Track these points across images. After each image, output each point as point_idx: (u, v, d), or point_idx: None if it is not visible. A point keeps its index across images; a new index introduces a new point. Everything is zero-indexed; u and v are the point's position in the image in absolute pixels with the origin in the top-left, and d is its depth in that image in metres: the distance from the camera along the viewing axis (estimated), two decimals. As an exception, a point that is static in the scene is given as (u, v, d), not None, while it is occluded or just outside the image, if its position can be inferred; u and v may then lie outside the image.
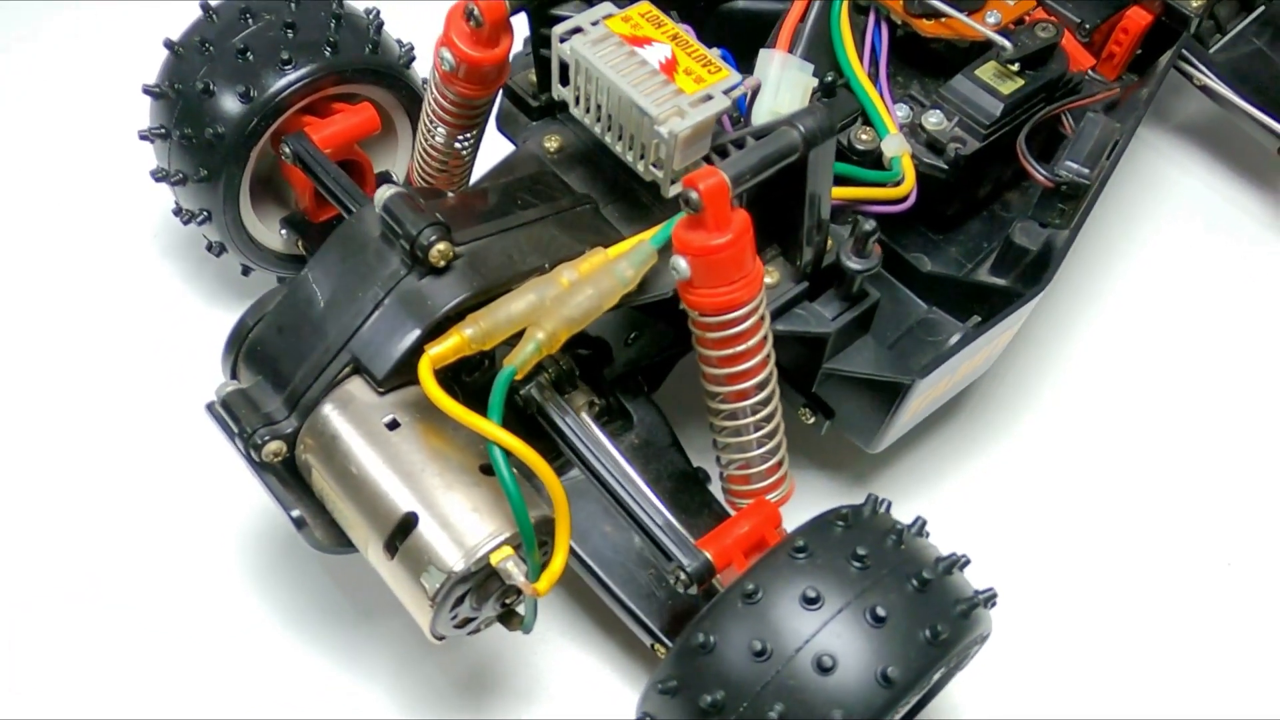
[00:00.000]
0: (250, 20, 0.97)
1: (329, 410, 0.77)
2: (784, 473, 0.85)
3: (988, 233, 1.06)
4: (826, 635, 0.70)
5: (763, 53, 0.92)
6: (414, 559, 0.73)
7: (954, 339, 0.96)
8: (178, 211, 1.04)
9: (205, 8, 0.98)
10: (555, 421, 0.80)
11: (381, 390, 0.77)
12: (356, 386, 0.77)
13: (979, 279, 1.02)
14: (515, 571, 0.72)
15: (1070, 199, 1.01)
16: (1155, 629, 0.98)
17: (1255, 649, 0.98)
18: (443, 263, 0.76)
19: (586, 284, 0.77)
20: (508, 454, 0.71)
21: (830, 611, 0.71)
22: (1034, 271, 0.99)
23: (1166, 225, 1.22)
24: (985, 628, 0.75)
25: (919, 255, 1.00)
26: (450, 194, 0.84)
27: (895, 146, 0.93)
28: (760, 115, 0.87)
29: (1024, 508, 1.04)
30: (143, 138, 1.00)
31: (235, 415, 0.77)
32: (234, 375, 0.82)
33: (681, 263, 0.75)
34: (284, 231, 1.04)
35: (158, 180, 1.02)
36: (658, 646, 0.85)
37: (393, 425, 0.76)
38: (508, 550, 0.72)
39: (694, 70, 0.80)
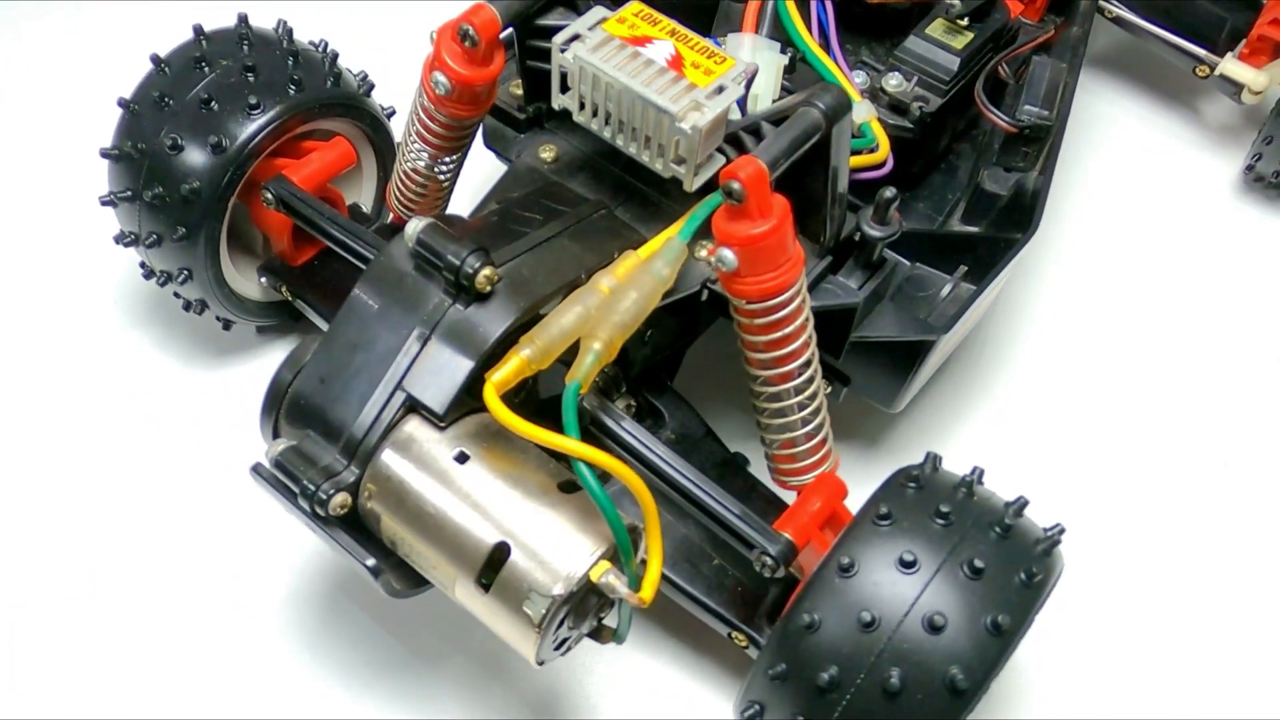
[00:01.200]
0: (206, 68, 0.93)
1: (391, 454, 0.75)
2: (829, 446, 0.87)
3: (949, 184, 1.09)
4: (930, 595, 0.72)
5: (732, 37, 0.93)
6: (512, 589, 0.72)
7: (945, 290, 0.99)
8: (149, 274, 1.01)
9: (156, 61, 0.95)
10: (612, 429, 0.80)
11: (442, 426, 0.76)
12: (415, 426, 0.76)
13: (955, 230, 1.05)
14: (618, 585, 0.72)
15: (1033, 141, 1.05)
16: (1157, 534, 1.03)
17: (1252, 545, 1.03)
18: (488, 288, 0.75)
19: (628, 288, 0.77)
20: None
21: (929, 571, 0.73)
22: (1009, 215, 1.02)
23: (1104, 157, 1.28)
24: (1062, 563, 0.78)
25: (893, 215, 1.02)
26: (466, 219, 0.83)
27: (864, 113, 0.95)
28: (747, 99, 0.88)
29: (1029, 442, 1.07)
30: (105, 203, 0.96)
31: (292, 473, 0.75)
32: (276, 435, 0.80)
33: (728, 254, 0.75)
34: (264, 279, 1.01)
35: (125, 245, 0.98)
36: (737, 636, 0.85)
37: (462, 458, 0.75)
38: (605, 564, 0.72)
39: (700, 63, 0.80)
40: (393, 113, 1.04)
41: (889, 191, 0.84)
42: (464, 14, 0.81)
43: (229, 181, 0.92)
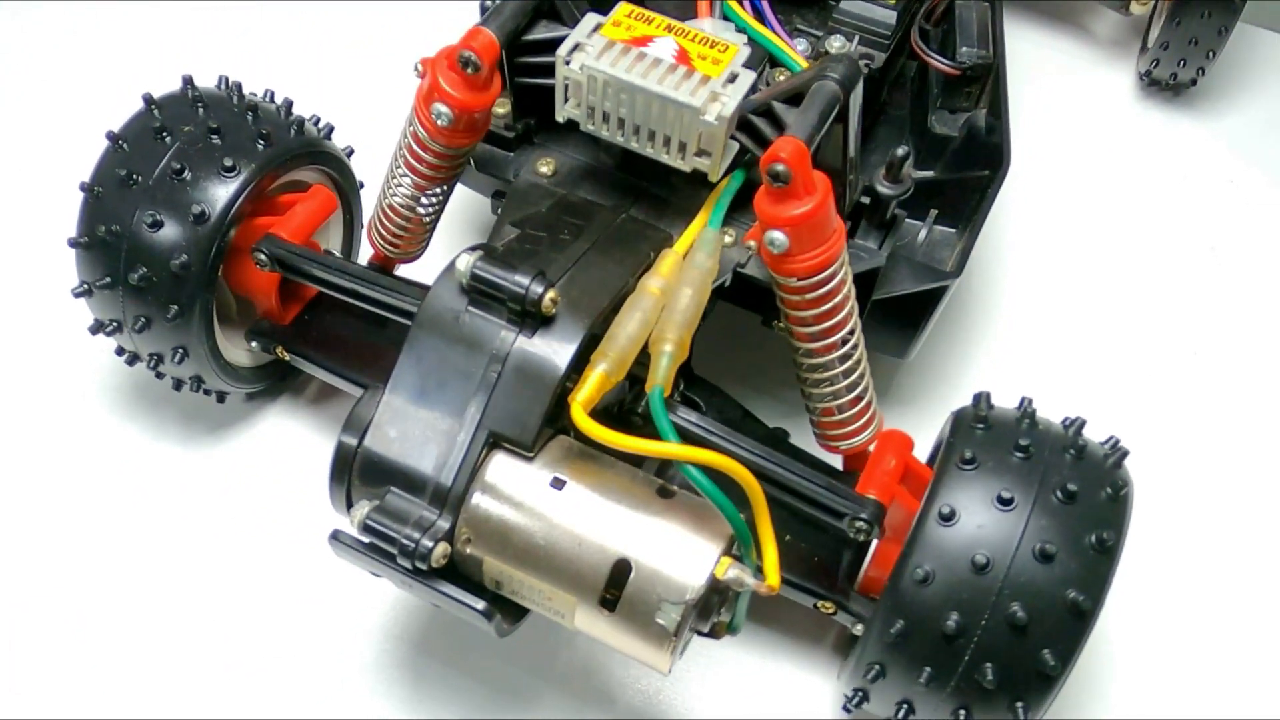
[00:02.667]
0: (168, 138, 0.89)
1: (483, 496, 0.74)
2: (875, 405, 0.89)
3: (893, 135, 1.12)
4: (1034, 528, 0.75)
5: (690, 25, 0.93)
6: (640, 603, 0.72)
7: (921, 235, 1.02)
8: (133, 359, 0.96)
9: (112, 137, 0.90)
10: (684, 427, 0.80)
11: (530, 457, 0.75)
12: (501, 462, 0.75)
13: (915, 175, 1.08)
14: (745, 577, 0.72)
15: (974, 81, 1.09)
16: (1157, 422, 1.09)
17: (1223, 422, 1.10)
18: (554, 310, 0.74)
19: (680, 285, 0.78)
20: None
21: (1027, 505, 0.75)
22: (966, 154, 1.06)
23: (1012, 85, 1.32)
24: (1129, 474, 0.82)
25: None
26: (494, 246, 0.82)
27: None
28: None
29: (1020, 363, 1.12)
30: (79, 294, 0.91)
31: (386, 533, 0.73)
32: (349, 500, 0.78)
33: (779, 236, 0.76)
34: (254, 344, 0.97)
35: (108, 334, 0.93)
36: (823, 605, 0.87)
37: (558, 484, 0.74)
38: (727, 560, 0.73)
39: (705, 54, 0.81)
40: (351, 152, 1.01)
41: (901, 150, 0.86)
42: (463, 41, 0.80)
43: (218, 250, 0.89)
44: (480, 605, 0.75)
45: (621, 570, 0.72)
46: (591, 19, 0.82)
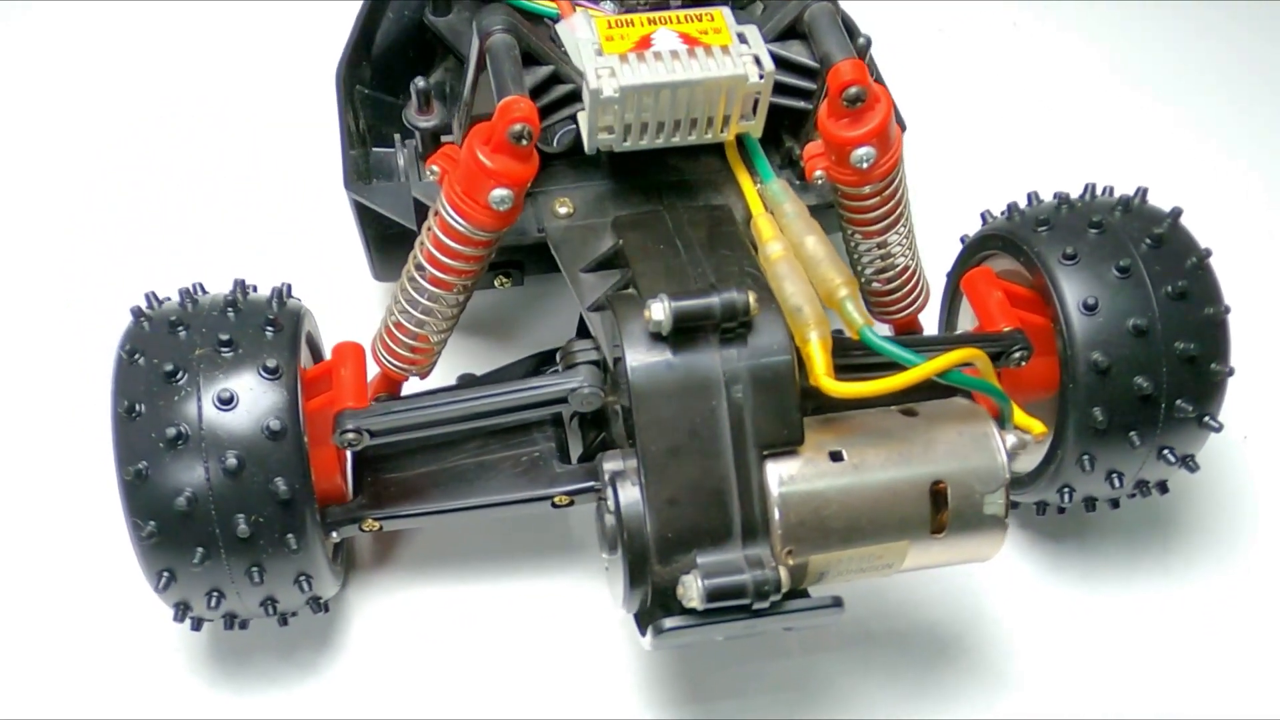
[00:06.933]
0: (184, 375, 0.78)
1: (785, 506, 0.75)
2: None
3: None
4: (1155, 277, 0.86)
5: (562, 24, 0.93)
6: (967, 507, 0.76)
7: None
8: (231, 623, 0.85)
9: (126, 409, 0.77)
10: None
11: (797, 450, 0.76)
12: (778, 469, 0.75)
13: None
14: (1021, 436, 0.79)
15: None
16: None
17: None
18: (758, 309, 0.75)
19: (802, 236, 0.81)
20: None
21: (1139, 266, 0.86)
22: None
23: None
24: None
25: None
26: (622, 294, 0.79)
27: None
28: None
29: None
30: (163, 588, 0.79)
31: (731, 588, 0.72)
32: (652, 595, 0.75)
33: (867, 150, 0.81)
34: (335, 535, 0.88)
35: (213, 606, 0.82)
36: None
37: (836, 455, 0.76)
38: (1003, 435, 0.78)
39: (704, 28, 0.82)
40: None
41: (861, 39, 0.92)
42: (502, 116, 0.75)
43: (304, 455, 0.80)
44: (829, 600, 0.76)
45: (940, 491, 0.76)
46: (588, 48, 0.80)
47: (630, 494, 0.74)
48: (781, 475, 0.75)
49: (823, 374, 0.75)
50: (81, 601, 0.95)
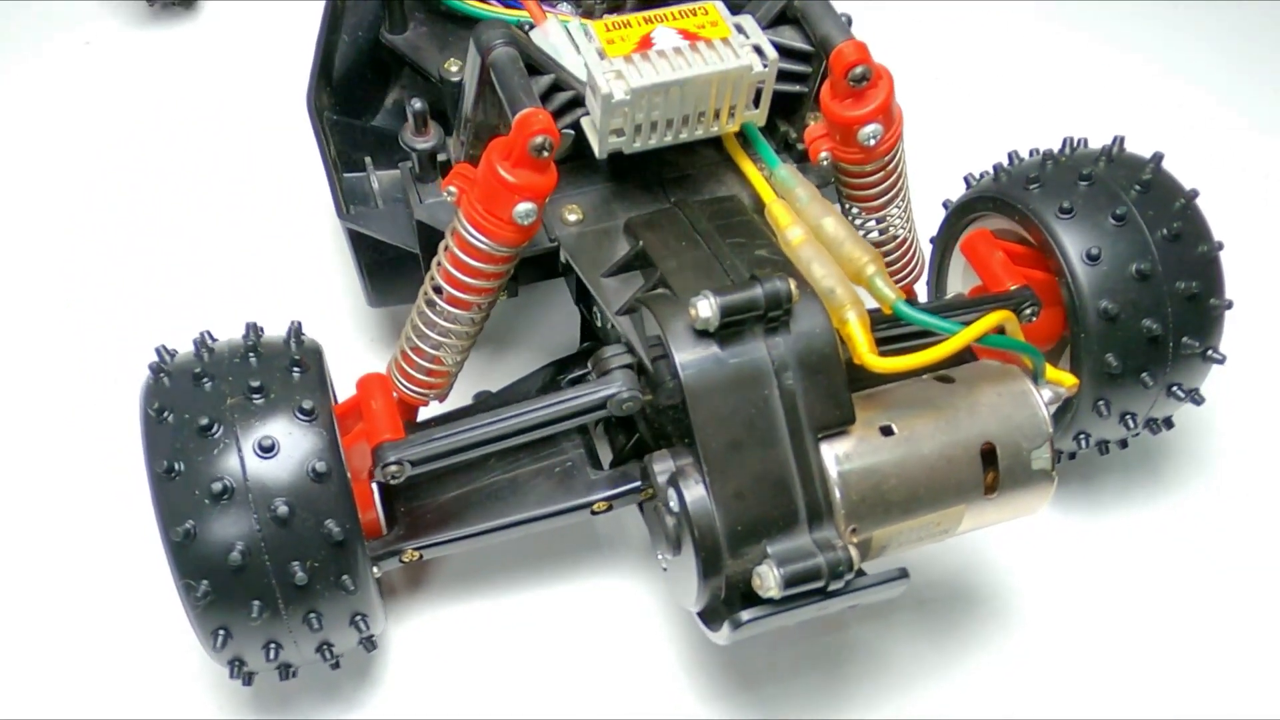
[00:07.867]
0: (220, 428, 0.76)
1: (845, 484, 0.75)
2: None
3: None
4: (1150, 222, 0.89)
5: (537, 30, 0.92)
6: (1016, 466, 0.78)
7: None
8: (286, 673, 0.83)
9: (165, 470, 0.75)
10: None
11: (850, 426, 0.77)
12: (833, 449, 0.76)
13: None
14: (1055, 390, 0.81)
15: None
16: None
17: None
18: (799, 293, 0.75)
19: (820, 218, 0.82)
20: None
21: (1134, 213, 0.89)
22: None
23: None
24: None
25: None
26: (655, 295, 0.79)
27: None
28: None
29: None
30: (219, 648, 0.77)
31: (806, 572, 0.73)
32: (726, 589, 0.75)
33: (874, 127, 0.82)
34: (377, 569, 0.85)
35: (271, 660, 0.80)
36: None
37: (886, 430, 0.77)
38: (1038, 389, 0.80)
39: (702, 23, 0.82)
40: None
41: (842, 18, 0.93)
42: (521, 130, 0.75)
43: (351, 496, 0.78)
44: (896, 573, 0.77)
45: (989, 451, 0.78)
46: (592, 53, 0.80)
47: (695, 492, 0.74)
48: (838, 455, 0.76)
49: (866, 352, 0.76)
50: (106, 631, 0.94)
